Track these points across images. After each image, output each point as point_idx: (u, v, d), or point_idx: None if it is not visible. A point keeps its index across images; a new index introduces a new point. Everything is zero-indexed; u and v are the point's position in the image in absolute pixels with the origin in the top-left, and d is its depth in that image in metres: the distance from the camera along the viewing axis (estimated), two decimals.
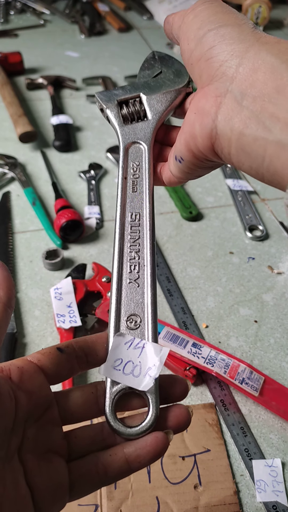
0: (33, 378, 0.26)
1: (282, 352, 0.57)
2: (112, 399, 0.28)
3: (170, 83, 0.34)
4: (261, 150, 0.24)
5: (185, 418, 0.28)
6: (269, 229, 0.74)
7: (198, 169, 0.30)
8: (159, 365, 0.28)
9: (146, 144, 0.34)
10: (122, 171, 0.33)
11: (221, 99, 0.25)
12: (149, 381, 0.27)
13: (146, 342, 0.29)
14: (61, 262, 0.66)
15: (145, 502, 0.43)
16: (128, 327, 0.29)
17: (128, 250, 0.31)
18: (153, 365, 0.28)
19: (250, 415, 0.50)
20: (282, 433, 0.49)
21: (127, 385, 0.28)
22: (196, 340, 0.53)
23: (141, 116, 0.34)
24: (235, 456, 0.47)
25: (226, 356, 0.52)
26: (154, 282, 0.30)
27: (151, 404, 0.27)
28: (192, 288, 0.64)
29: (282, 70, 0.23)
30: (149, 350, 0.28)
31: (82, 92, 1.11)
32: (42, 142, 0.93)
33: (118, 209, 0.32)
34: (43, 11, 1.56)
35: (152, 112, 0.34)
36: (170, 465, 0.45)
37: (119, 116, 0.34)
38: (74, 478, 0.26)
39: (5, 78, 1.06)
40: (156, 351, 0.28)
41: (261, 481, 0.44)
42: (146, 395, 0.28)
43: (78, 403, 0.28)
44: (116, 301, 0.30)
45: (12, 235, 0.72)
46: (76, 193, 0.81)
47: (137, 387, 0.27)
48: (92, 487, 0.27)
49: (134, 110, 0.34)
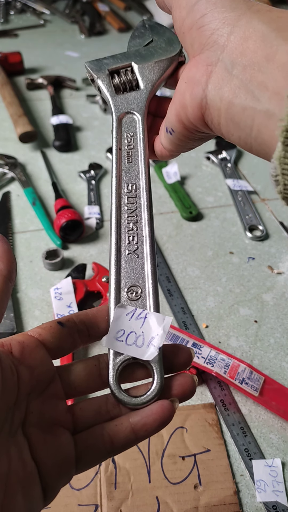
0: (34, 352, 0.26)
1: (282, 352, 0.57)
2: (116, 370, 0.27)
3: (162, 51, 0.33)
4: (250, 120, 0.23)
5: (190, 386, 0.28)
6: (269, 229, 0.74)
7: (189, 141, 0.30)
8: (162, 334, 0.27)
9: (139, 114, 0.33)
10: (116, 142, 0.32)
11: (212, 68, 0.25)
12: (153, 351, 0.27)
13: (148, 312, 0.28)
14: (61, 262, 0.66)
15: (145, 502, 0.43)
16: (129, 298, 0.29)
17: (125, 221, 0.31)
18: (156, 335, 0.27)
19: (250, 415, 0.50)
20: (282, 433, 0.49)
21: (130, 356, 0.27)
22: (196, 340, 0.53)
23: (133, 86, 0.33)
24: (235, 456, 0.47)
25: (226, 356, 0.52)
26: (154, 253, 0.30)
27: (156, 374, 0.27)
28: (192, 288, 0.64)
29: (272, 38, 0.23)
30: (151, 320, 0.28)
31: (82, 92, 1.11)
32: (42, 142, 0.93)
33: (113, 180, 0.32)
34: (43, 11, 1.56)
35: (145, 82, 0.33)
36: (170, 465, 0.45)
37: (110, 86, 0.33)
38: (80, 450, 0.26)
39: (5, 78, 1.06)
40: (158, 320, 0.28)
41: (261, 481, 0.44)
42: (150, 364, 0.27)
43: (81, 376, 0.28)
44: (115, 273, 0.29)
45: (12, 235, 0.72)
46: (76, 193, 0.81)
47: (141, 357, 0.27)
48: (99, 458, 0.27)
49: (126, 79, 0.33)
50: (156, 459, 0.46)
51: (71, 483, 0.44)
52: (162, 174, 0.83)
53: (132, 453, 0.46)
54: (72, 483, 0.44)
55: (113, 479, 0.44)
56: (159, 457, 0.46)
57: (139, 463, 0.45)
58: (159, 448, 0.46)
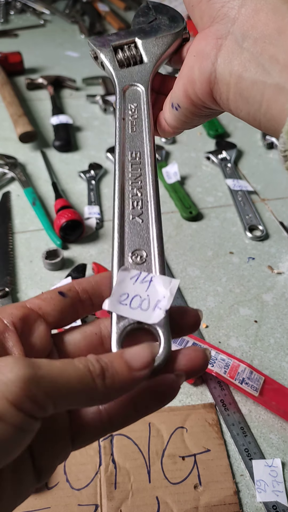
0: (34, 329, 0.25)
1: (282, 352, 0.57)
2: (119, 336, 0.25)
3: (166, 28, 0.33)
4: (259, 95, 0.23)
5: (201, 360, 0.25)
6: (269, 229, 0.74)
7: (195, 118, 0.30)
8: (169, 297, 0.26)
9: (143, 86, 0.33)
10: (119, 112, 0.32)
11: (222, 41, 0.25)
12: (160, 314, 0.25)
13: (154, 275, 0.27)
14: (61, 262, 0.66)
15: (145, 502, 0.43)
16: (134, 262, 0.28)
17: (129, 188, 0.30)
18: (163, 297, 0.26)
19: (250, 415, 0.50)
20: (282, 433, 0.49)
21: (135, 320, 0.25)
22: (196, 340, 0.53)
23: (137, 60, 0.33)
24: (235, 456, 0.47)
25: (226, 356, 0.52)
26: (159, 218, 0.29)
27: (163, 339, 0.25)
28: (192, 288, 0.64)
29: (284, 10, 0.22)
30: (157, 282, 0.26)
31: (82, 92, 1.11)
32: (42, 142, 0.93)
33: (117, 148, 0.31)
34: (43, 11, 1.56)
35: (149, 56, 0.33)
36: (170, 465, 0.45)
37: (114, 60, 0.33)
38: (77, 426, 0.24)
39: (5, 78, 1.06)
40: (165, 283, 0.26)
41: (261, 481, 0.44)
42: (156, 329, 0.25)
43: (80, 347, 0.26)
44: (119, 236, 0.28)
45: (12, 235, 0.72)
46: (76, 193, 0.81)
47: (147, 320, 0.25)
48: (96, 435, 0.25)
49: (130, 54, 0.33)
50: (156, 459, 0.46)
51: (71, 483, 0.44)
52: (162, 174, 0.83)
53: (132, 453, 0.46)
54: (72, 483, 0.44)
55: (113, 479, 0.44)
56: (159, 457, 0.46)
57: (139, 463, 0.45)
58: (159, 448, 0.46)
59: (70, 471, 0.45)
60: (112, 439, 0.47)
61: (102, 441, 0.46)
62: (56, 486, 0.44)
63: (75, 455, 0.45)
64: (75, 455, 0.46)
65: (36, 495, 0.43)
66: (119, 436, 0.47)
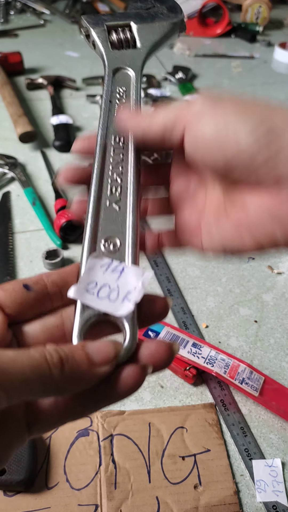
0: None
1: (282, 352, 0.57)
2: (82, 326, 0.23)
3: (164, 16, 0.33)
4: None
5: (164, 355, 0.23)
6: None
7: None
8: (140, 289, 0.24)
9: (134, 71, 0.32)
10: (106, 94, 0.31)
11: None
12: (128, 306, 0.24)
13: (126, 265, 0.25)
14: (61, 262, 0.66)
15: (145, 502, 0.43)
16: (106, 249, 0.26)
17: (109, 172, 0.29)
18: (133, 289, 0.24)
19: (250, 415, 0.50)
20: (282, 433, 0.49)
21: (101, 311, 0.24)
22: (196, 340, 0.53)
23: (130, 44, 0.32)
24: (235, 456, 0.47)
25: (226, 356, 0.52)
26: (138, 207, 0.28)
27: (128, 333, 0.23)
28: (192, 288, 0.64)
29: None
30: (129, 273, 0.25)
31: (82, 92, 1.11)
32: (42, 142, 0.93)
33: (100, 129, 0.30)
34: (43, 11, 1.56)
35: (142, 41, 0.32)
36: (170, 465, 0.45)
37: (106, 41, 0.32)
38: (33, 414, 0.23)
39: (5, 78, 1.06)
40: (137, 274, 0.25)
41: (261, 481, 0.44)
42: (122, 322, 0.23)
43: (39, 340, 0.24)
44: (92, 222, 0.26)
45: (12, 235, 0.72)
46: (76, 193, 0.81)
47: (114, 312, 0.23)
48: (54, 425, 0.23)
49: (124, 37, 0.32)
50: (156, 459, 0.46)
51: (71, 483, 0.44)
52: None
53: (132, 453, 0.46)
54: (72, 483, 0.44)
55: (113, 479, 0.44)
56: (159, 457, 0.46)
57: (139, 463, 0.45)
58: (159, 448, 0.46)
59: (70, 471, 0.45)
60: (112, 439, 0.47)
61: (102, 441, 0.46)
62: (56, 486, 0.44)
63: (75, 455, 0.46)
64: (75, 455, 0.46)
65: (36, 495, 0.43)
66: (119, 436, 0.47)
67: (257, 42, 1.41)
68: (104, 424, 0.48)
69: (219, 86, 1.16)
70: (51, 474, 0.44)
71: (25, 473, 0.42)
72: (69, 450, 0.46)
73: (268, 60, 1.31)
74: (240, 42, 1.41)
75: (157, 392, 0.52)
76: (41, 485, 0.43)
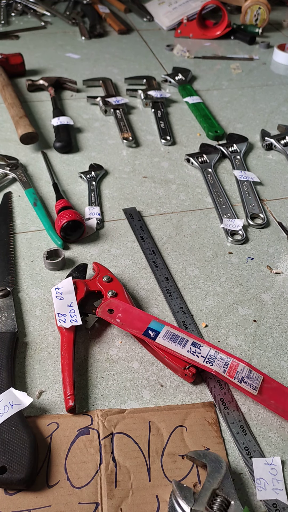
0: None
1: (281, 351, 0.57)
2: None
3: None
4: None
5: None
6: (268, 229, 0.75)
7: None
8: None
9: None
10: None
11: None
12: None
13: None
14: (62, 262, 0.66)
15: (145, 500, 0.43)
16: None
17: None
18: None
19: (249, 414, 0.50)
20: (281, 432, 0.49)
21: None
22: (196, 339, 0.54)
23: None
24: (234, 454, 0.47)
25: (226, 355, 0.52)
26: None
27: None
28: (192, 288, 0.65)
29: None
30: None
31: (82, 94, 1.11)
32: (43, 143, 0.93)
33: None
34: (44, 13, 1.57)
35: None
36: (170, 463, 0.46)
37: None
38: None
39: (6, 80, 1.07)
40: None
41: (261, 479, 0.45)
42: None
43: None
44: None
45: (13, 235, 0.72)
46: (76, 193, 0.81)
47: None
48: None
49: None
50: (156, 457, 0.46)
51: (71, 482, 0.44)
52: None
53: (132, 452, 0.46)
54: (72, 481, 0.44)
55: (113, 478, 0.44)
56: (159, 455, 0.46)
57: (139, 461, 0.46)
58: (159, 447, 0.47)
59: (71, 470, 0.45)
60: (113, 437, 0.47)
61: (102, 440, 0.47)
62: (56, 484, 0.44)
63: (75, 454, 0.46)
64: (75, 453, 0.46)
65: (37, 493, 0.43)
66: (120, 434, 0.47)
67: (256, 43, 1.41)
68: (104, 422, 0.48)
69: (218, 87, 1.17)
70: (51, 473, 0.45)
71: (26, 471, 0.43)
72: (70, 449, 0.46)
73: (267, 62, 1.31)
74: (239, 43, 1.42)
75: (157, 390, 0.52)
76: (42, 484, 0.44)
